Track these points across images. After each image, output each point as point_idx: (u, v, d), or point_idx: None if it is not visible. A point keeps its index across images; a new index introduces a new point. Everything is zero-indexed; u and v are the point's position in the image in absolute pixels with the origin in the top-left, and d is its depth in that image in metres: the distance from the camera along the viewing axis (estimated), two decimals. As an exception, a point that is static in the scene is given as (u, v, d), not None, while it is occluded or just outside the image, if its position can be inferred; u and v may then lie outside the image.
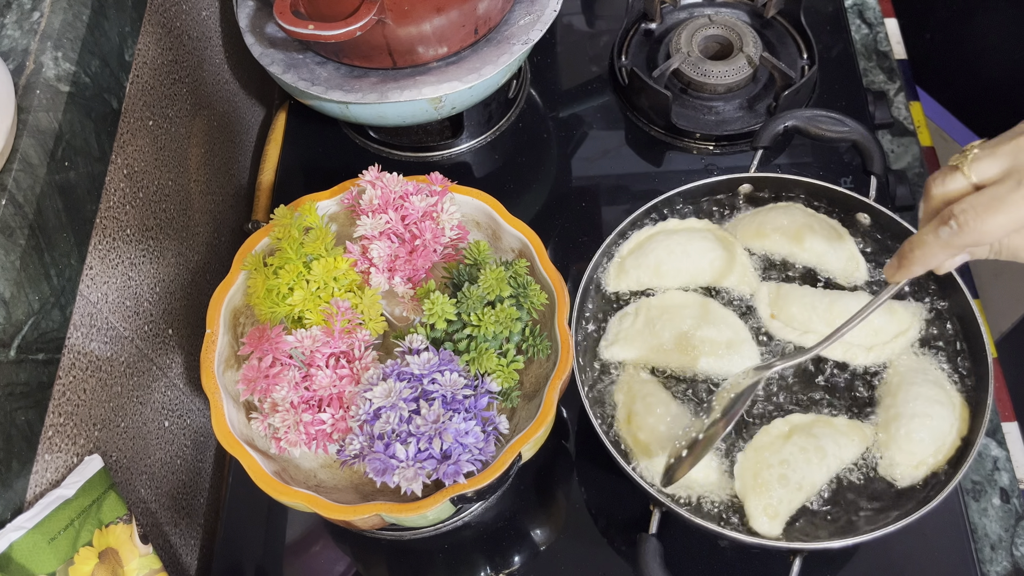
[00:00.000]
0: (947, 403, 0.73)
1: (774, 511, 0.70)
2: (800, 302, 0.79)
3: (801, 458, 0.71)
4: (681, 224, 0.85)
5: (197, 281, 0.91)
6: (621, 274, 0.83)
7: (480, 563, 0.80)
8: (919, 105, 1.07)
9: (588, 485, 0.83)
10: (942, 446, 0.72)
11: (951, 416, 0.72)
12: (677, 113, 1.00)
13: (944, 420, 0.72)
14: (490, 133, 1.04)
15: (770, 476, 0.70)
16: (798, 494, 0.71)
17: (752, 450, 0.73)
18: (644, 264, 0.82)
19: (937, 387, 0.74)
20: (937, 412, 0.72)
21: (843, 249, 0.82)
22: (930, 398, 0.73)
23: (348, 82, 0.90)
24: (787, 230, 0.82)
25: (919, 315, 0.78)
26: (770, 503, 0.70)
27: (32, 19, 0.66)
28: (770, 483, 0.70)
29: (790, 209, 0.84)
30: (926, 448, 0.71)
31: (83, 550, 0.63)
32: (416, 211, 0.73)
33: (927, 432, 0.71)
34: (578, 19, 1.15)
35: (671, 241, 0.82)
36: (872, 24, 1.12)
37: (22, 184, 0.59)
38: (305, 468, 0.74)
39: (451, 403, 0.65)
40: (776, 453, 0.71)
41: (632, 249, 0.84)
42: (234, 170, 1.05)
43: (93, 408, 0.69)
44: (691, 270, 0.82)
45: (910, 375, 0.75)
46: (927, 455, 0.71)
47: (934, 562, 0.76)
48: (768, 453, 0.72)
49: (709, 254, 0.82)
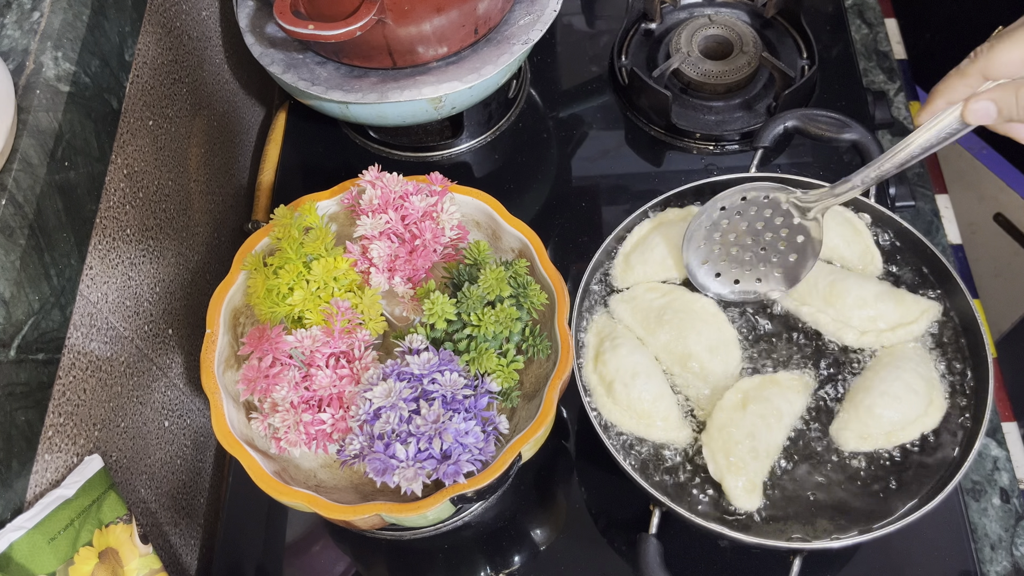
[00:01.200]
0: (923, 396, 0.73)
1: (752, 484, 0.71)
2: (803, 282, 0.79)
3: (762, 425, 0.72)
4: (680, 213, 0.85)
5: (197, 281, 0.91)
6: (628, 271, 0.83)
7: (480, 563, 0.80)
8: (919, 105, 1.07)
9: (588, 485, 0.83)
10: (897, 431, 0.72)
11: (920, 409, 0.73)
12: (677, 113, 1.01)
13: (912, 408, 0.73)
14: (490, 133, 1.04)
15: (741, 452, 0.71)
16: (767, 460, 0.72)
17: (715, 430, 0.73)
18: (651, 259, 0.82)
19: (922, 379, 0.74)
20: (908, 399, 0.73)
21: (858, 243, 0.82)
22: (908, 384, 0.73)
23: (348, 82, 0.90)
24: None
25: (930, 313, 0.78)
26: (748, 478, 0.71)
27: (32, 19, 0.66)
28: (743, 459, 0.71)
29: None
30: (881, 426, 0.72)
31: (83, 550, 0.63)
32: (416, 211, 0.73)
33: (890, 412, 0.72)
34: (578, 19, 1.15)
35: (674, 231, 0.83)
36: (872, 24, 1.12)
37: (22, 184, 0.59)
38: (305, 468, 0.74)
39: (451, 403, 0.65)
40: (740, 427, 0.72)
41: (636, 244, 0.84)
42: (234, 170, 1.05)
43: (93, 408, 0.69)
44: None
45: (901, 360, 0.75)
46: (879, 432, 0.73)
47: (934, 562, 0.76)
48: (733, 429, 0.72)
49: None
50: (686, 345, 0.77)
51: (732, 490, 0.71)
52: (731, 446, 0.72)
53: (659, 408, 0.74)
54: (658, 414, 0.74)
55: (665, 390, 0.76)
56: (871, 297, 0.77)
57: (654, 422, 0.74)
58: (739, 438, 0.72)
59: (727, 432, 0.72)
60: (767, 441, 0.72)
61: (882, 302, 0.77)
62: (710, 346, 0.77)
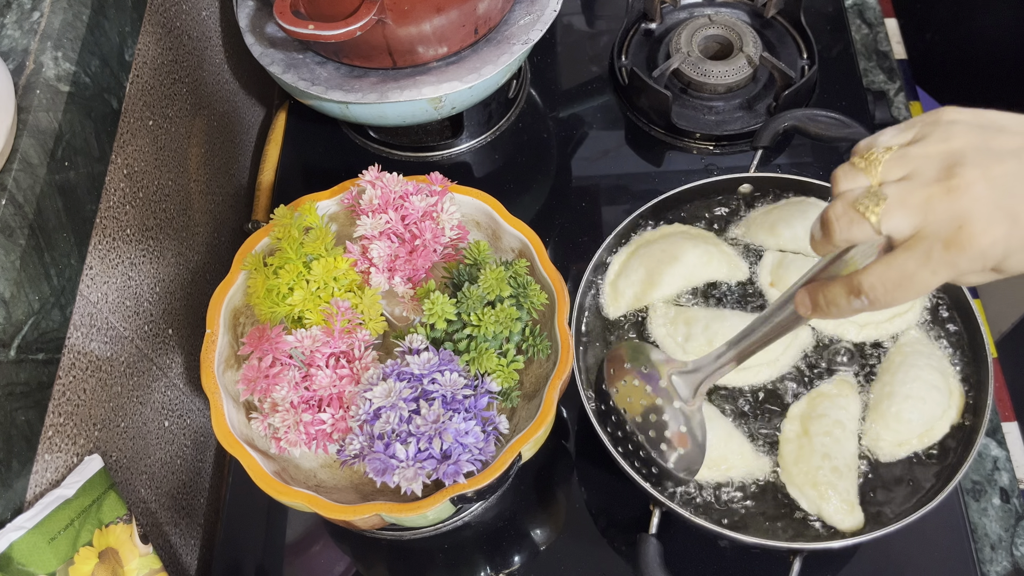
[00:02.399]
0: (944, 389, 0.74)
1: (848, 504, 0.70)
2: (800, 272, 0.79)
3: (831, 441, 0.72)
4: (656, 233, 0.85)
5: (197, 281, 0.91)
6: (618, 298, 0.82)
7: (480, 563, 0.80)
8: (919, 105, 1.07)
9: (588, 485, 0.83)
10: (929, 430, 0.73)
11: (944, 402, 0.73)
12: (677, 113, 1.00)
13: (937, 405, 0.73)
14: (490, 133, 1.04)
15: (824, 477, 0.70)
16: (850, 473, 0.71)
17: (791, 466, 0.72)
18: (636, 280, 0.82)
19: (937, 372, 0.74)
20: (932, 397, 0.73)
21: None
22: (928, 382, 0.73)
23: (348, 82, 0.90)
24: (799, 229, 0.83)
25: (921, 297, 0.78)
26: (840, 498, 0.70)
27: (32, 19, 0.66)
28: (830, 482, 0.70)
29: (804, 207, 0.84)
30: (913, 429, 0.72)
31: (83, 550, 0.63)
32: (416, 211, 0.73)
33: (917, 414, 0.72)
34: (578, 19, 1.15)
35: (654, 249, 0.82)
36: (872, 24, 1.12)
37: (22, 184, 0.59)
38: (305, 468, 0.74)
39: (451, 403, 0.65)
40: (813, 453, 0.71)
41: (619, 272, 0.83)
42: (234, 170, 1.05)
43: (93, 408, 0.69)
44: (683, 272, 0.82)
45: (913, 356, 0.75)
46: (912, 436, 0.72)
47: (934, 562, 0.76)
48: (807, 458, 0.72)
49: (693, 251, 0.82)
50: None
51: (833, 516, 0.70)
52: (812, 474, 0.71)
53: (732, 447, 0.73)
54: (732, 452, 0.73)
55: (729, 427, 0.75)
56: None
57: (732, 463, 0.73)
58: (817, 463, 0.71)
59: (803, 465, 0.72)
60: (841, 454, 0.71)
61: None
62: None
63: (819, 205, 0.84)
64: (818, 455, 0.71)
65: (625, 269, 0.83)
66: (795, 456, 0.73)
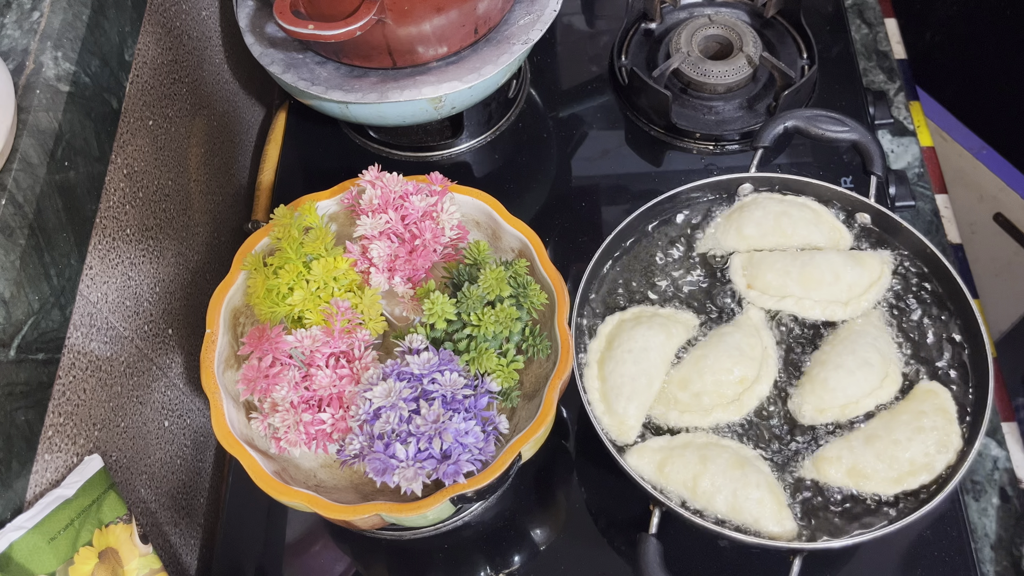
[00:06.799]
0: (877, 369, 0.74)
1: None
2: (774, 268, 0.80)
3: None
4: (627, 314, 0.80)
5: (197, 281, 0.91)
6: (621, 423, 0.76)
7: (480, 563, 0.80)
8: (919, 105, 1.07)
9: (588, 485, 0.83)
10: (853, 403, 0.74)
11: (875, 382, 0.74)
12: (677, 113, 1.01)
13: (866, 382, 0.74)
14: (490, 133, 1.04)
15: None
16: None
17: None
18: (627, 392, 0.76)
19: (876, 352, 0.75)
20: (862, 372, 0.74)
21: (823, 223, 0.83)
22: (862, 358, 0.74)
23: (348, 82, 0.90)
24: (764, 224, 0.83)
25: (888, 262, 0.80)
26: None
27: (32, 19, 0.66)
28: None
29: (760, 202, 0.85)
30: (836, 398, 0.74)
31: (83, 550, 0.63)
32: (416, 211, 0.73)
33: (842, 384, 0.73)
34: (578, 19, 1.15)
35: (632, 346, 0.77)
36: (872, 24, 1.12)
37: (22, 184, 0.59)
38: (305, 468, 0.74)
39: (451, 403, 0.65)
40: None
41: (601, 359, 0.79)
42: (234, 170, 1.05)
43: (93, 408, 0.69)
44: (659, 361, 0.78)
45: (857, 335, 0.76)
46: (834, 404, 0.74)
47: (934, 562, 0.76)
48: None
49: (655, 338, 0.77)
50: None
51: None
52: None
53: (768, 498, 0.71)
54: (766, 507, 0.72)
55: (761, 479, 0.71)
56: (841, 266, 0.79)
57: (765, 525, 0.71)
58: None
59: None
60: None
61: (851, 268, 0.79)
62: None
63: (773, 197, 0.85)
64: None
65: (606, 361, 0.78)
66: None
